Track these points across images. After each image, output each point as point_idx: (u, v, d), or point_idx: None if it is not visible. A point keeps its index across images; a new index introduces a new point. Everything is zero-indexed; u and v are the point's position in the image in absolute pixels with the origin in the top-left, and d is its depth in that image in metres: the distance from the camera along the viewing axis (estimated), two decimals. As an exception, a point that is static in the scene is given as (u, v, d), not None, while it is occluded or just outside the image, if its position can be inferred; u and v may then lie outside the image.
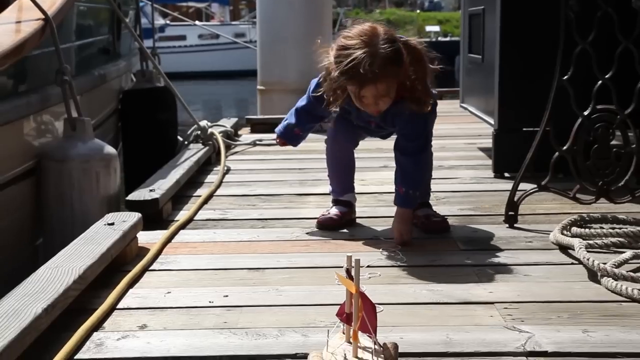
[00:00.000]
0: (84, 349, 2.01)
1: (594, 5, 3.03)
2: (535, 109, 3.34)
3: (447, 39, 31.58)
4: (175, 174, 3.92)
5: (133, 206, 3.31)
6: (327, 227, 3.20)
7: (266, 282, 2.53)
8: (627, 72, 3.07)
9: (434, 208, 3.29)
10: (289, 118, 3.26)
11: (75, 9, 4.01)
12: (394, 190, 3.82)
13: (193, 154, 4.55)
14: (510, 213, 3.20)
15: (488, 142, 4.95)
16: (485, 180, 4.17)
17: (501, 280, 2.49)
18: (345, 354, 1.76)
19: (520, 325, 2.08)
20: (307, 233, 3.16)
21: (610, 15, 3.01)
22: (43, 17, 3.35)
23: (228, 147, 5.24)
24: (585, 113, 3.08)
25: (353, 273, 1.76)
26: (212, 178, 4.37)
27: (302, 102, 3.23)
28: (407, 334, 2.02)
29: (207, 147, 4.81)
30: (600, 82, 3.07)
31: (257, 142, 5.60)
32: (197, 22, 27.34)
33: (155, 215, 3.37)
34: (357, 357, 1.75)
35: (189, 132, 5.07)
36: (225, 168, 4.57)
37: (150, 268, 2.73)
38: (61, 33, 3.53)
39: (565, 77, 3.07)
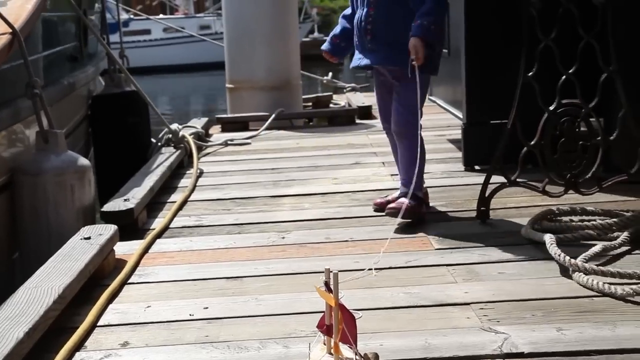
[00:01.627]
0: (67, 370, 2.03)
1: (556, 1, 3.09)
2: (503, 101, 3.39)
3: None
4: (148, 181, 3.93)
5: (108, 217, 3.32)
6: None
7: (245, 292, 2.56)
8: (589, 66, 3.14)
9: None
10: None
11: (40, 18, 3.98)
12: (367, 189, 3.90)
13: (165, 158, 4.55)
14: (482, 208, 3.25)
15: (457, 134, 5.01)
16: (456, 174, 4.23)
17: (476, 279, 2.55)
18: (322, 368, 1.80)
19: (496, 325, 2.13)
20: (282, 237, 3.19)
21: (572, 11, 3.07)
22: (10, 30, 3.33)
23: (200, 149, 5.25)
24: (551, 108, 3.14)
25: (332, 286, 1.80)
26: (185, 182, 4.38)
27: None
28: (387, 341, 2.07)
29: (179, 151, 4.81)
30: (564, 77, 3.13)
31: (229, 142, 5.61)
32: (161, 16, 27.12)
33: (130, 225, 3.38)
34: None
35: (160, 135, 5.06)
36: (198, 171, 4.58)
37: (129, 281, 2.75)
38: (28, 44, 3.51)
39: (530, 73, 3.12)
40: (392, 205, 3.29)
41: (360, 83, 9.00)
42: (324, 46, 3.48)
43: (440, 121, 5.90)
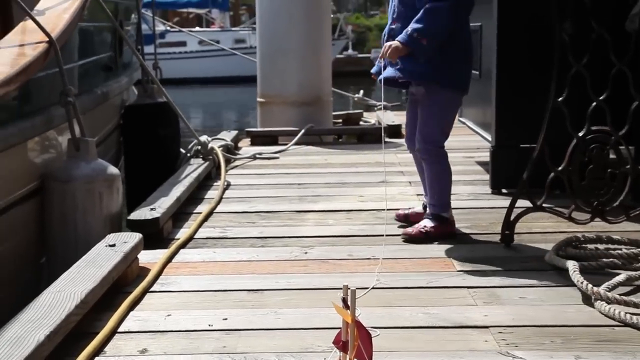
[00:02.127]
0: (86, 375, 2.05)
1: (588, 27, 3.08)
2: (532, 125, 3.37)
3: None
4: (175, 192, 3.97)
5: (134, 226, 3.36)
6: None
7: (265, 305, 2.57)
8: (620, 93, 3.12)
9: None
10: None
11: (77, 27, 4.05)
12: (393, 208, 3.91)
13: (193, 169, 4.59)
14: (506, 232, 3.24)
15: (486, 156, 4.99)
16: (483, 196, 4.22)
17: (496, 302, 2.53)
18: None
19: (514, 350, 2.12)
20: (305, 252, 3.20)
21: (604, 37, 3.06)
22: (47, 39, 3.39)
23: (228, 161, 5.29)
24: (580, 134, 3.13)
25: (349, 302, 1.81)
26: (212, 194, 4.41)
27: None
28: (403, 360, 2.06)
29: (207, 162, 4.85)
30: (594, 103, 3.11)
31: (257, 156, 5.65)
32: (197, 28, 27.34)
33: (156, 234, 3.42)
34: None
35: (189, 146, 5.11)
36: (225, 183, 4.61)
37: (151, 289, 2.77)
38: (64, 53, 3.57)
39: (560, 98, 3.11)
40: (407, 230, 3.33)
41: (391, 102, 9.01)
42: (373, 69, 3.49)
43: (470, 143, 5.89)
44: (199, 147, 4.98)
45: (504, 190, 4.26)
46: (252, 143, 6.36)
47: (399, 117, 7.29)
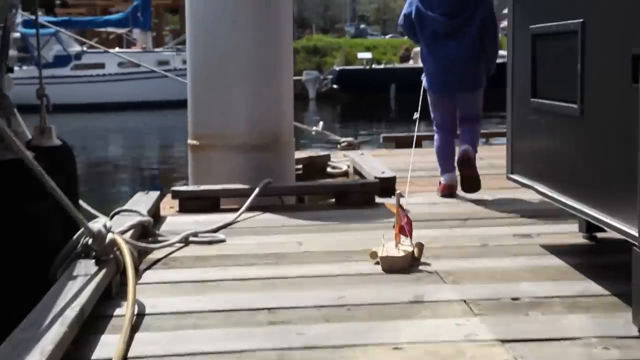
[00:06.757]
0: None
1: None
2: None
3: (382, 66, 30.13)
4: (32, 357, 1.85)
5: None
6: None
7: None
8: None
9: None
10: None
11: None
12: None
13: (74, 293, 2.44)
14: None
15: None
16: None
17: None
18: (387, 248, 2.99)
19: None
20: None
21: None
22: None
23: (144, 253, 3.20)
24: None
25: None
26: (110, 340, 2.30)
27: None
28: None
29: (104, 269, 2.72)
30: None
31: (191, 239, 3.53)
32: (117, 49, 25.20)
33: None
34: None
35: (74, 238, 2.93)
36: (135, 311, 2.51)
37: None
38: None
39: None
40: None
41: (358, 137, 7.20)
42: None
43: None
44: (90, 241, 2.84)
45: None
46: (180, 209, 4.27)
47: (384, 162, 5.24)
